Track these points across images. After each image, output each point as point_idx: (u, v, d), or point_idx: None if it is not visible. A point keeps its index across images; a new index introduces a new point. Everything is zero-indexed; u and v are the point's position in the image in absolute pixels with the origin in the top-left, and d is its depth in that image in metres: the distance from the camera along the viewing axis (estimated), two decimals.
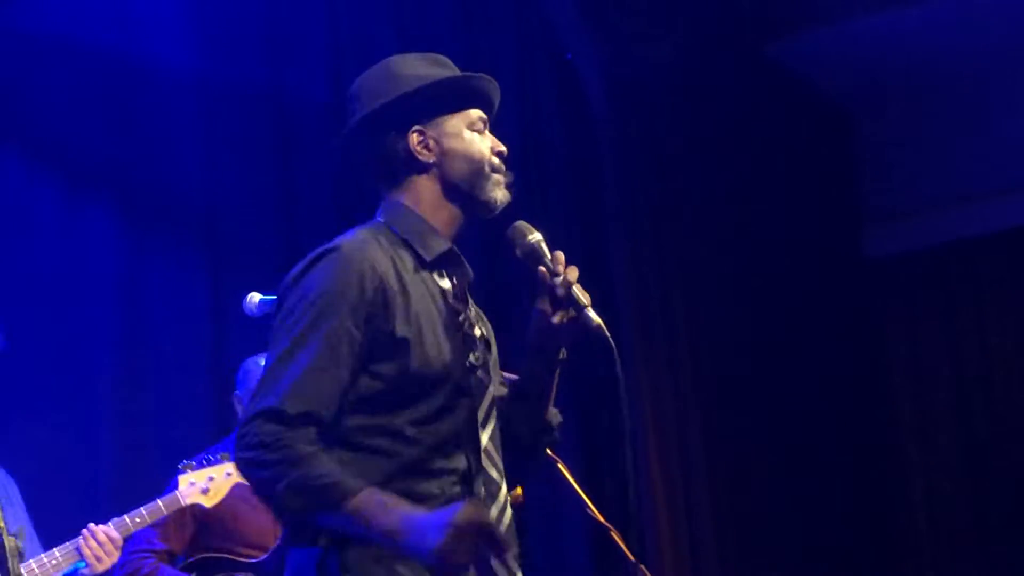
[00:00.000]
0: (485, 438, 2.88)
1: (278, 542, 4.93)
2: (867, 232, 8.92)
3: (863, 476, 8.24)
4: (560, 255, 2.95)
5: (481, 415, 2.88)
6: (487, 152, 2.99)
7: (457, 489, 2.82)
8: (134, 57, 5.80)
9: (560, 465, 4.42)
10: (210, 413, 5.68)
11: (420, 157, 2.95)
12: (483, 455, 2.86)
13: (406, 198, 2.97)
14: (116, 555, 4.45)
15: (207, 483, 4.62)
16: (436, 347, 2.82)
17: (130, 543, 4.76)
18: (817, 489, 7.74)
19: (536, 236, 2.99)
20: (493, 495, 2.86)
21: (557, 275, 2.92)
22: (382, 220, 2.97)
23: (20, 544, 3.09)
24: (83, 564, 4.44)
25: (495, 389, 2.97)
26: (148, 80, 5.83)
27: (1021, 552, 8.17)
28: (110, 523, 4.48)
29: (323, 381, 2.73)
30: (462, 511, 2.62)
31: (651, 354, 7.15)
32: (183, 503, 4.58)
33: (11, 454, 4.87)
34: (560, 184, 7.15)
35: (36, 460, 5.21)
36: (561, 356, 3.00)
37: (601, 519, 4.41)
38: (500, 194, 2.99)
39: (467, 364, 2.88)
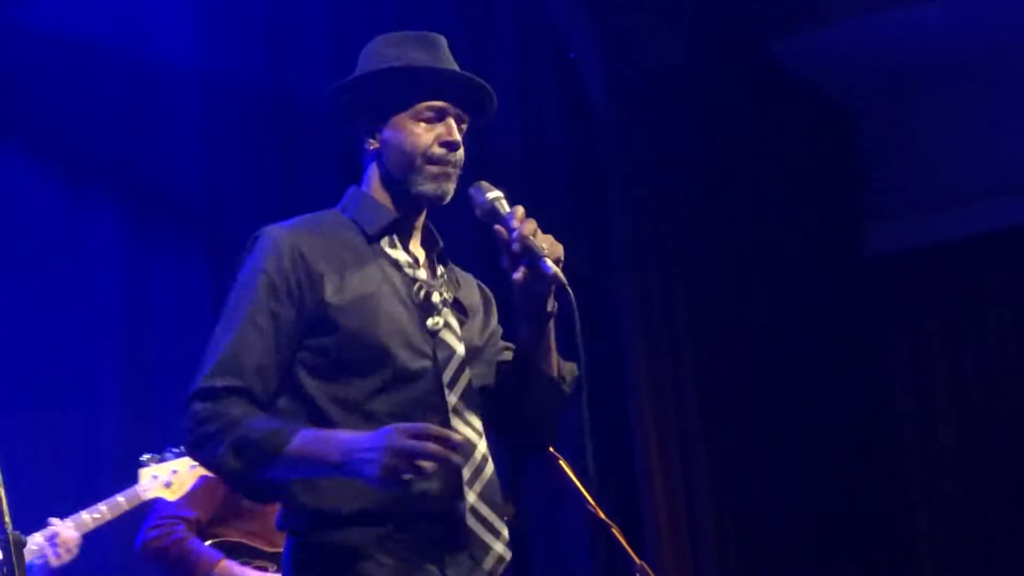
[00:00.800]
0: (454, 399, 2.88)
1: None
2: (867, 231, 8.92)
3: (863, 474, 8.24)
4: (519, 209, 2.91)
5: (447, 377, 2.89)
6: (425, 144, 2.96)
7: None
8: (138, 53, 5.82)
9: (561, 461, 4.45)
10: None
11: (367, 146, 3.01)
12: (453, 415, 2.87)
13: (363, 183, 3.05)
14: (75, 553, 4.36)
15: (170, 476, 4.52)
16: (376, 315, 2.85)
17: (156, 508, 4.71)
18: (817, 486, 7.74)
19: (494, 193, 2.95)
20: (467, 455, 2.85)
21: (513, 231, 2.87)
22: (339, 206, 3.06)
23: (24, 537, 3.08)
24: (40, 559, 4.33)
25: (471, 355, 2.96)
26: (152, 76, 5.85)
27: (1020, 545, 8.17)
28: (68, 520, 4.40)
29: (246, 356, 2.79)
30: (394, 431, 2.64)
31: (653, 352, 7.16)
32: (143, 498, 4.48)
33: (13, 453, 4.87)
34: (562, 182, 7.16)
35: (38, 457, 5.22)
36: (550, 309, 2.95)
37: (602, 515, 4.43)
38: (431, 187, 2.96)
39: (426, 329, 2.90)
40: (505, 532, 2.90)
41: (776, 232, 7.89)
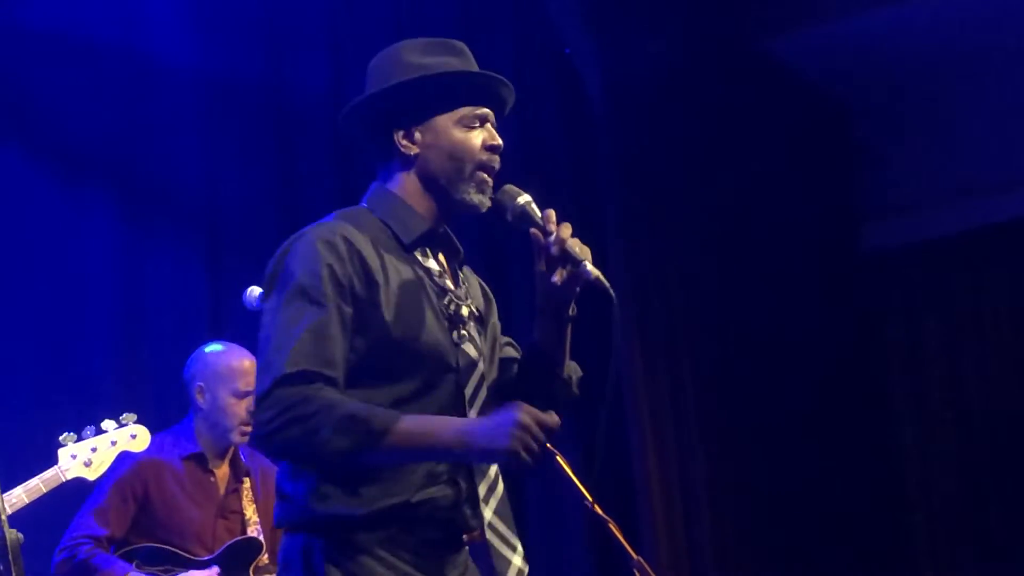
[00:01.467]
0: (473, 414, 2.89)
1: (230, 542, 4.93)
2: (864, 227, 8.93)
3: (860, 469, 8.24)
4: (551, 213, 2.90)
5: (469, 391, 2.90)
6: (473, 149, 2.96)
7: (443, 466, 2.84)
8: (136, 52, 5.83)
9: (559, 458, 4.45)
10: None
11: (403, 150, 2.97)
12: None
13: (391, 184, 3.01)
14: None
15: (90, 455, 4.43)
16: (417, 324, 2.85)
17: (70, 528, 4.74)
18: (814, 484, 7.75)
19: (525, 198, 2.95)
20: (483, 471, 2.88)
21: (550, 234, 2.87)
22: (365, 205, 3.01)
23: (21, 536, 3.08)
24: None
25: (487, 368, 2.98)
26: (150, 75, 5.85)
27: (1019, 544, 8.18)
28: None
29: (325, 346, 2.75)
30: (524, 410, 2.68)
31: (649, 349, 7.16)
32: (64, 478, 4.39)
33: (8, 449, 4.87)
34: (558, 179, 7.16)
35: (33, 453, 5.21)
36: (571, 312, 2.98)
37: (600, 512, 4.43)
38: (477, 197, 2.97)
39: (452, 341, 2.90)
40: (520, 546, 2.93)
41: (773, 228, 7.89)
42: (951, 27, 7.84)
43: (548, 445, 4.37)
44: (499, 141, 2.99)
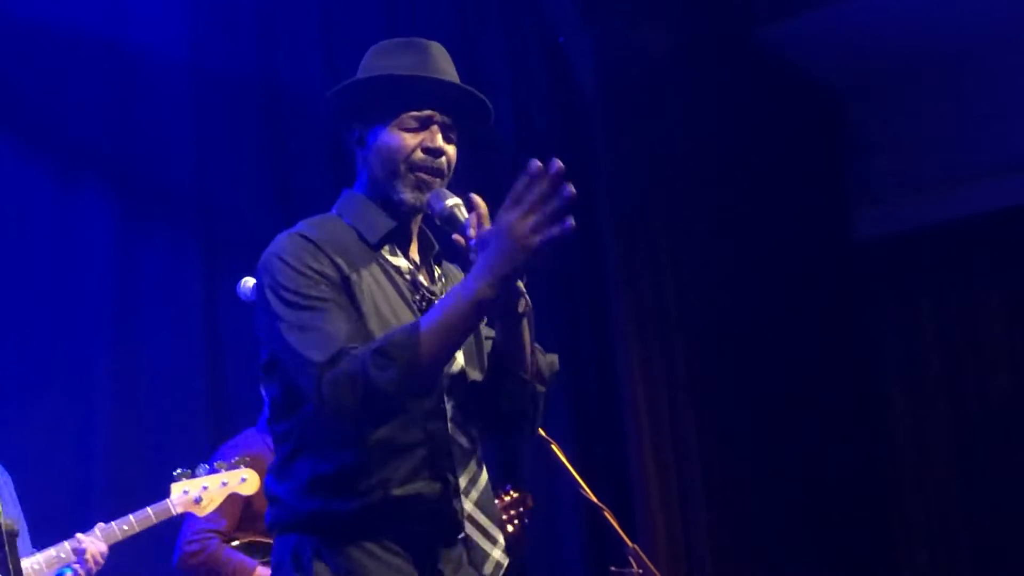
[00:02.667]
0: (451, 407, 2.93)
1: None
2: (856, 215, 8.94)
3: (854, 457, 8.27)
4: (474, 217, 2.86)
5: (447, 385, 2.93)
6: (407, 150, 2.99)
7: (426, 459, 2.86)
8: (128, 46, 5.82)
9: (554, 446, 4.47)
10: (204, 399, 5.71)
11: (358, 149, 3.05)
12: (451, 423, 2.92)
13: (358, 186, 3.08)
14: (101, 564, 4.41)
15: (200, 492, 4.60)
16: (391, 316, 2.89)
17: (188, 524, 4.85)
18: (808, 469, 7.77)
19: (453, 200, 2.96)
20: (462, 461, 2.91)
21: (471, 239, 2.85)
22: (334, 211, 3.07)
23: (17, 528, 3.09)
24: (69, 570, 4.38)
25: (468, 358, 3.01)
26: (142, 68, 5.85)
27: (1010, 527, 8.20)
28: (96, 530, 4.45)
29: (337, 329, 2.79)
30: (503, 215, 2.65)
31: (642, 338, 7.17)
32: (173, 512, 4.55)
33: (4, 445, 4.88)
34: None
35: (30, 449, 5.23)
36: (521, 310, 2.93)
37: (594, 499, 4.45)
38: (411, 195, 2.99)
39: None
40: (502, 538, 2.95)
41: (765, 217, 7.90)
42: (942, 15, 7.85)
43: (543, 433, 4.40)
44: (437, 143, 2.99)
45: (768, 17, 7.90)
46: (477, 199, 2.88)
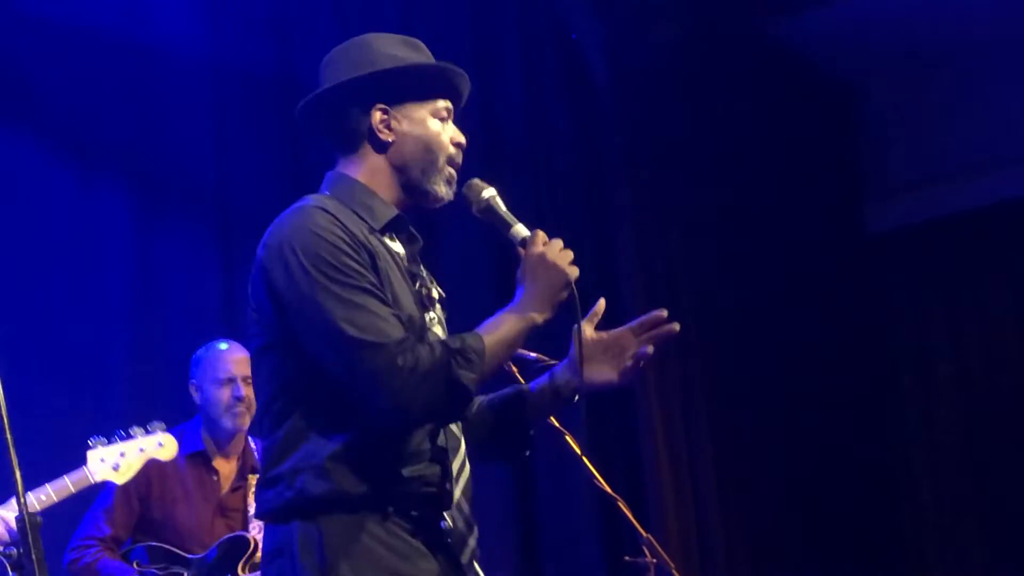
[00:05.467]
0: None
1: (219, 542, 5.01)
2: (869, 207, 8.95)
3: (866, 448, 8.28)
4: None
5: None
6: (446, 143, 3.02)
7: (426, 445, 2.88)
8: (146, 39, 5.86)
9: (568, 437, 4.49)
10: None
11: (380, 135, 2.99)
12: None
13: (355, 170, 3.02)
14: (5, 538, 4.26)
15: (118, 459, 4.51)
16: (403, 300, 2.90)
17: (80, 527, 4.86)
18: (820, 461, 7.79)
19: (490, 192, 3.01)
20: (454, 448, 2.93)
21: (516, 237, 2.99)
22: (327, 192, 3.01)
23: (40, 519, 3.12)
24: None
25: None
26: (160, 62, 5.89)
27: (1021, 518, 8.20)
28: (12, 500, 4.14)
29: (384, 308, 2.80)
30: (531, 248, 2.91)
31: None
32: (92, 480, 4.44)
33: (25, 433, 4.90)
34: (565, 162, 7.19)
35: (49, 437, 5.27)
36: (575, 399, 3.10)
37: (608, 490, 4.48)
38: (444, 189, 3.02)
39: (425, 322, 2.94)
40: (476, 530, 2.97)
41: (778, 209, 7.92)
42: (955, 7, 7.85)
43: (557, 425, 4.44)
44: (463, 139, 3.05)
45: (780, 10, 7.91)
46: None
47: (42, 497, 4.28)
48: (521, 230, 2.97)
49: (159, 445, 4.66)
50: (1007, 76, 8.35)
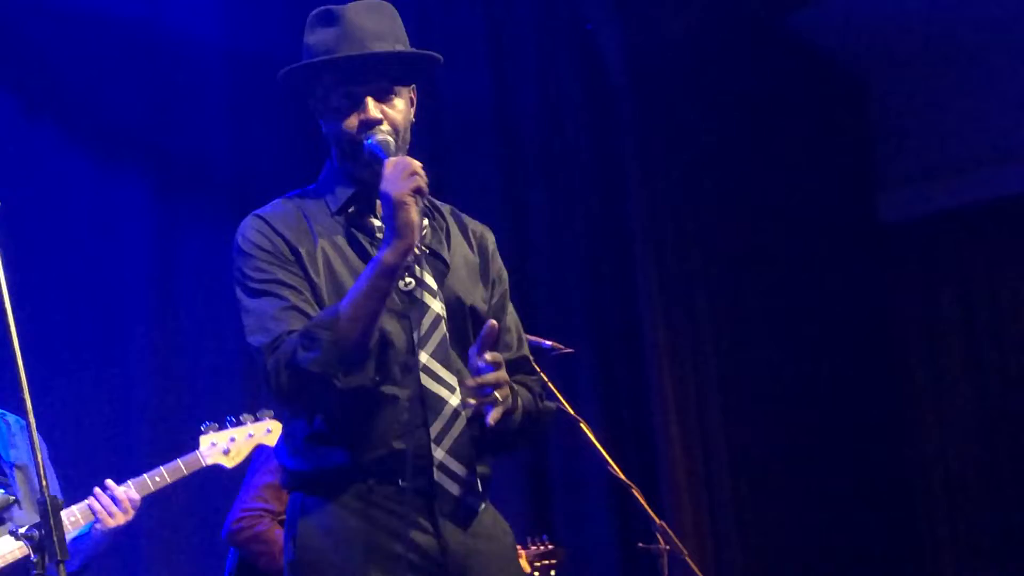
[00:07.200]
0: (425, 356, 2.98)
1: None
2: (882, 198, 8.95)
3: (878, 437, 8.30)
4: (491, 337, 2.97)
5: (418, 336, 2.99)
6: (347, 132, 3.06)
7: (407, 414, 2.94)
8: (165, 29, 5.88)
9: (583, 425, 4.53)
10: (243, 374, 5.78)
11: (320, 122, 3.15)
12: (423, 374, 2.97)
13: (330, 153, 3.19)
14: (131, 513, 4.40)
15: (228, 444, 4.64)
16: (348, 277, 2.99)
17: (241, 498, 4.87)
18: (832, 450, 7.80)
19: (382, 136, 3.03)
20: (437, 410, 2.96)
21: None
22: (313, 184, 3.19)
23: (60, 500, 3.16)
24: (86, 527, 4.37)
25: (448, 309, 3.06)
26: (179, 51, 5.91)
27: None
28: (129, 482, 4.45)
29: (284, 314, 2.93)
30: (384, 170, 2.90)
31: (670, 320, 7.22)
32: (203, 463, 4.59)
33: (46, 417, 4.94)
34: (580, 152, 7.21)
35: (71, 421, 5.32)
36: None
37: (622, 477, 4.52)
38: (367, 172, 3.04)
39: (399, 291, 2.98)
40: (480, 485, 3.01)
41: (792, 200, 7.93)
42: None
43: (572, 412, 4.47)
44: (371, 114, 3.05)
45: (795, 3, 7.91)
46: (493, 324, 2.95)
47: (156, 478, 4.46)
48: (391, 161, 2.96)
49: (267, 431, 4.77)
50: (1020, 67, 8.34)
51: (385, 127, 3.03)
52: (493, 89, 6.90)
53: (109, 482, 4.41)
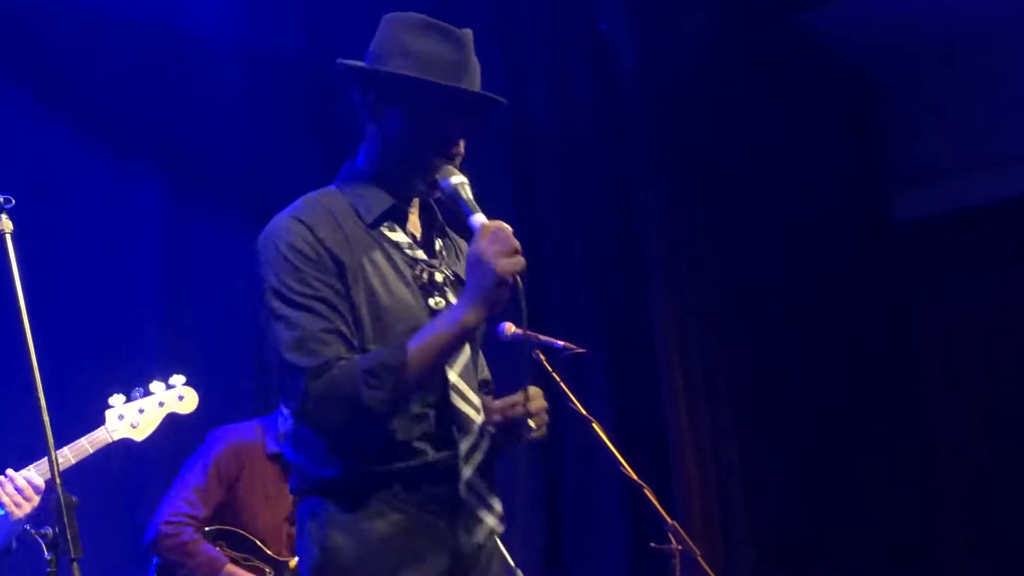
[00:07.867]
0: (454, 375, 2.98)
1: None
2: (896, 197, 8.95)
3: (890, 436, 8.30)
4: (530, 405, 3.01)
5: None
6: (430, 149, 3.01)
7: (430, 429, 2.93)
8: (179, 28, 5.90)
9: (595, 424, 4.53)
10: (253, 373, 5.79)
11: (370, 119, 3.06)
12: (452, 392, 2.97)
13: (362, 160, 3.11)
14: (36, 500, 4.14)
15: (137, 416, 4.42)
16: (386, 296, 2.94)
17: (168, 501, 4.82)
18: (845, 448, 7.81)
19: (458, 179, 3.00)
20: (465, 429, 2.97)
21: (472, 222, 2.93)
22: (335, 186, 3.09)
23: (76, 500, 3.16)
24: (1, 511, 4.13)
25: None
26: (193, 50, 5.92)
27: None
28: (31, 467, 4.19)
29: (327, 333, 2.85)
30: (481, 239, 2.81)
31: (680, 320, 7.22)
32: (111, 439, 4.36)
33: (59, 411, 4.95)
34: (593, 150, 7.21)
35: (82, 417, 5.33)
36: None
37: (634, 476, 4.52)
38: (424, 189, 3.03)
39: (429, 308, 2.98)
40: (498, 506, 3.03)
41: (805, 199, 7.93)
42: None
43: (584, 412, 4.47)
44: (460, 151, 3.04)
45: (808, 3, 7.91)
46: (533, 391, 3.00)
47: (60, 460, 3.97)
48: (479, 219, 2.91)
49: (179, 399, 4.58)
50: None
51: (457, 168, 3.01)
52: (506, 88, 6.90)
53: (10, 471, 4.17)
